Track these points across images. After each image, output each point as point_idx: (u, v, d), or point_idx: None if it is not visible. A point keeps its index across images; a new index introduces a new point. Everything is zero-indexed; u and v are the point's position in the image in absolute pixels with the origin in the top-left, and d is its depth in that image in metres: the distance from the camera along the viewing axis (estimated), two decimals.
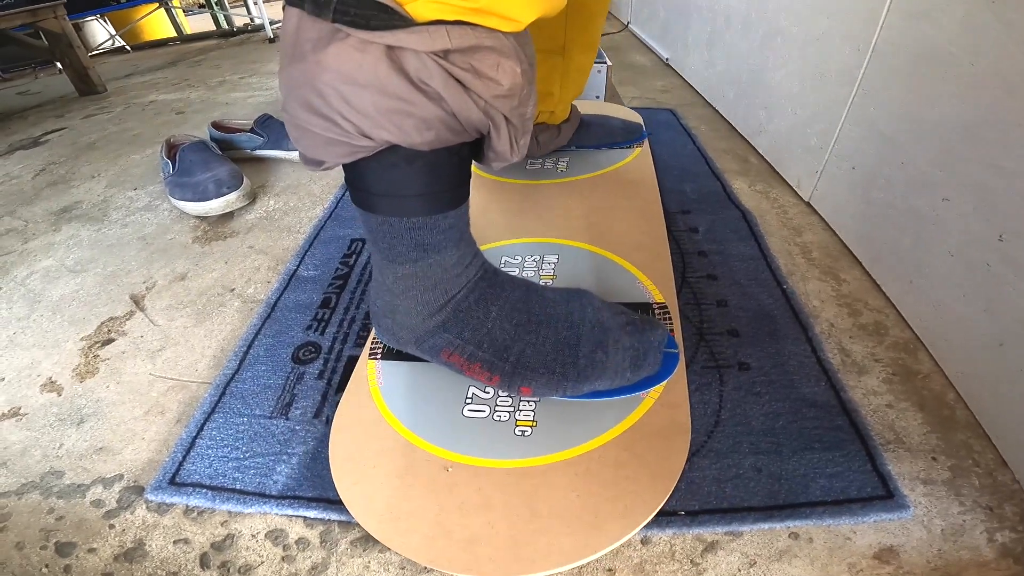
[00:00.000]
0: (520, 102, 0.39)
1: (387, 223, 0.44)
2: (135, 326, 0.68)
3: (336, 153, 0.39)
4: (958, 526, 0.41)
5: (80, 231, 0.91)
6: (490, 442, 0.47)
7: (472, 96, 0.36)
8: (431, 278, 0.47)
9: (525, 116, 0.41)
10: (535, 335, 0.49)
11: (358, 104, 0.35)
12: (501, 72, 0.36)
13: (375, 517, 0.42)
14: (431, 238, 0.45)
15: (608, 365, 0.48)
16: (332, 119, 0.36)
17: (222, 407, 0.54)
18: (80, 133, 1.41)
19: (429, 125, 0.37)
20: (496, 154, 0.43)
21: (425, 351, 0.50)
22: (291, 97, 0.37)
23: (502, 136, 0.41)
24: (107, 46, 2.70)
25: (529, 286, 0.52)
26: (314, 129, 0.37)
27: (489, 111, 0.38)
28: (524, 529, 0.41)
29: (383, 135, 0.37)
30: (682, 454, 0.45)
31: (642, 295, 0.61)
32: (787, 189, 0.86)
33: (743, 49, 1.06)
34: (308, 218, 0.88)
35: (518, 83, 0.37)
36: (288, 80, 0.37)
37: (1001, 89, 0.48)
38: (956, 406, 0.50)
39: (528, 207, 0.80)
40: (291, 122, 0.39)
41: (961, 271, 0.52)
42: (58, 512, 0.47)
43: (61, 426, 0.55)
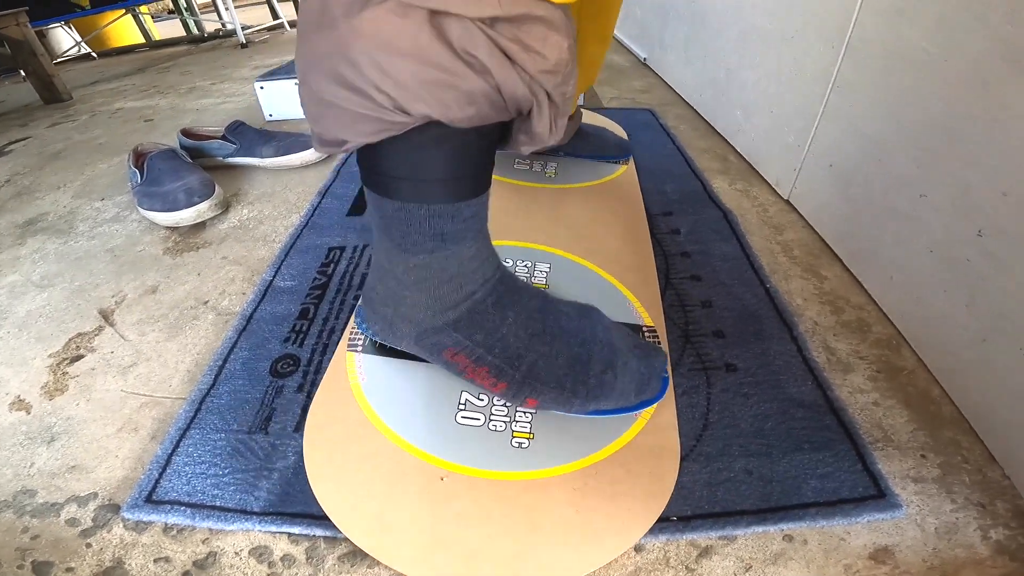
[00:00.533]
0: (564, 79, 0.37)
1: (404, 210, 0.41)
2: (105, 342, 0.65)
3: (363, 131, 0.36)
4: (951, 524, 0.41)
5: (46, 244, 0.88)
6: (486, 452, 0.46)
7: (518, 70, 0.34)
8: (447, 271, 0.44)
9: (566, 95, 0.38)
10: (549, 347, 0.47)
11: (396, 74, 0.32)
12: (548, 46, 0.33)
13: (362, 528, 0.40)
14: (452, 227, 0.42)
15: (616, 387, 0.46)
16: (365, 91, 0.33)
17: (198, 423, 0.52)
18: (45, 142, 1.37)
19: (472, 100, 0.34)
20: (533, 136, 0.40)
21: (425, 348, 0.48)
22: (316, 69, 0.34)
23: (544, 115, 0.38)
24: (73, 53, 2.63)
25: (545, 296, 0.50)
26: (342, 104, 0.34)
27: (533, 87, 0.35)
28: (525, 543, 0.40)
29: (422, 109, 0.34)
30: (672, 474, 0.44)
31: (633, 317, 0.60)
32: (766, 187, 0.86)
33: (719, 48, 1.07)
34: (284, 227, 0.86)
35: (564, 58, 0.35)
36: (312, 51, 0.34)
37: (976, 85, 0.48)
38: (942, 402, 0.50)
39: (518, 208, 0.79)
40: (313, 98, 0.36)
41: (941, 267, 0.52)
42: (33, 531, 0.45)
43: (31, 444, 0.53)
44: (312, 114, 0.37)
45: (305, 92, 0.37)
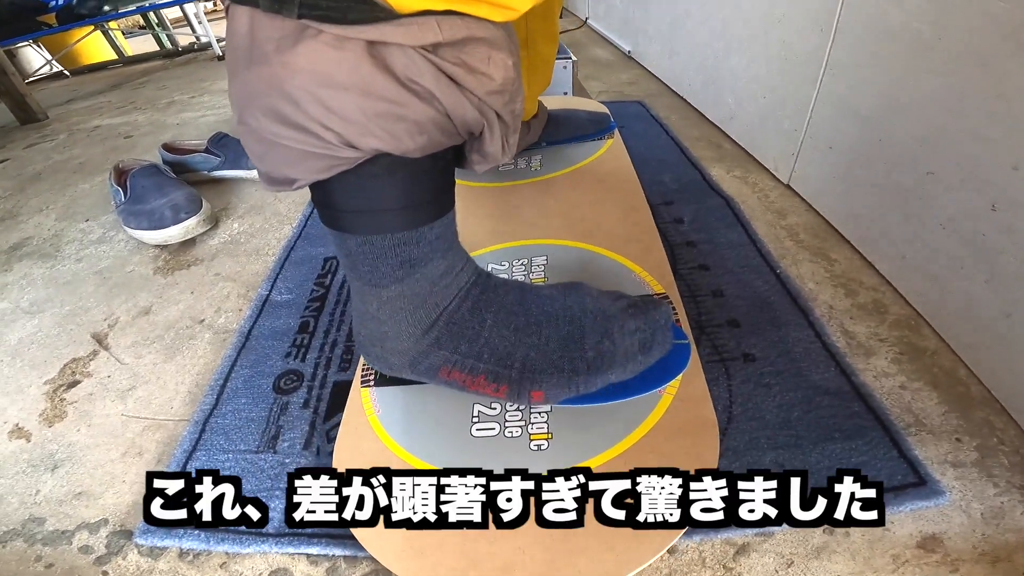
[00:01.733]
0: (511, 98, 0.36)
1: (368, 243, 0.40)
2: (100, 366, 0.64)
3: (311, 168, 0.35)
4: (997, 508, 0.39)
5: (33, 269, 0.85)
6: (505, 461, 0.44)
7: (466, 94, 0.33)
8: (419, 295, 0.43)
9: (515, 113, 0.38)
10: (537, 336, 0.45)
11: (340, 109, 0.31)
12: (493, 66, 0.33)
13: (395, 553, 0.39)
14: (418, 252, 0.41)
15: (617, 352, 0.45)
16: (309, 129, 0.32)
17: (204, 444, 0.51)
18: (24, 164, 1.34)
19: (422, 128, 0.33)
20: (485, 156, 0.40)
21: (421, 373, 0.47)
22: (251, 107, 0.32)
23: (495, 135, 0.37)
24: (44, 72, 2.58)
25: (523, 287, 0.49)
26: (285, 143, 0.33)
27: (483, 109, 0.35)
28: (560, 550, 0.38)
29: (371, 143, 0.33)
30: (713, 450, 0.42)
31: (640, 288, 0.59)
32: (765, 173, 0.86)
33: (705, 36, 1.06)
34: (276, 239, 0.83)
35: (510, 76, 0.34)
36: (245, 88, 0.32)
37: (974, 63, 0.48)
38: (969, 382, 0.49)
39: (507, 210, 0.78)
40: (253, 136, 0.34)
41: (955, 243, 0.51)
42: (47, 559, 0.44)
43: (35, 472, 0.52)
44: (255, 153, 0.35)
45: (244, 131, 0.35)
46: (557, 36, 0.80)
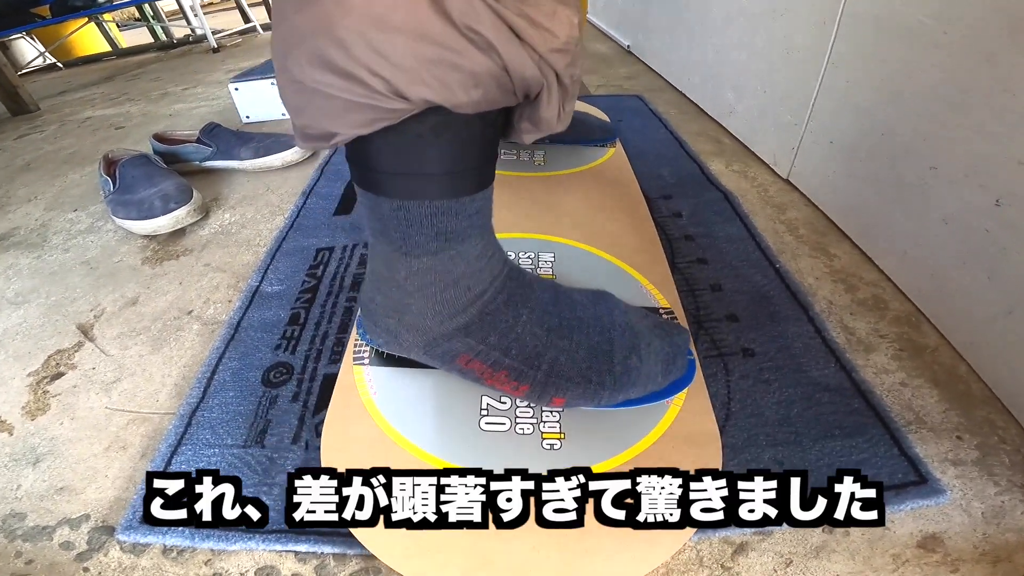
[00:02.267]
0: (573, 59, 0.34)
1: (404, 208, 0.37)
2: (85, 358, 0.62)
3: (354, 121, 0.32)
4: (998, 508, 0.39)
5: (19, 259, 0.84)
6: (516, 457, 0.43)
7: (527, 48, 0.31)
8: (452, 273, 0.40)
9: (575, 77, 0.36)
10: (568, 341, 0.43)
11: (392, 54, 0.28)
12: (557, 21, 0.31)
13: (400, 552, 0.37)
14: (456, 225, 0.38)
15: (643, 372, 0.43)
16: (356, 75, 0.29)
17: (189, 439, 0.49)
18: (14, 155, 1.33)
19: (478, 81, 0.31)
20: (538, 122, 0.37)
21: (435, 357, 0.44)
22: (296, 53, 0.30)
23: (553, 99, 0.35)
24: (38, 64, 2.56)
25: (556, 287, 0.47)
26: (330, 91, 0.31)
27: (543, 68, 0.32)
28: (576, 550, 0.37)
29: (423, 92, 0.30)
30: (716, 460, 0.42)
31: (647, 300, 0.58)
32: (764, 167, 0.85)
33: (705, 30, 1.05)
34: (268, 229, 0.82)
35: (574, 36, 0.32)
36: (291, 31, 0.30)
37: (980, 57, 0.47)
38: (970, 380, 0.48)
39: (510, 199, 0.76)
40: (295, 86, 0.32)
41: (958, 239, 0.51)
42: (27, 555, 0.43)
43: (16, 466, 0.50)
44: (293, 105, 0.34)
45: (284, 80, 0.33)
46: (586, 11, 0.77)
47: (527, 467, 0.40)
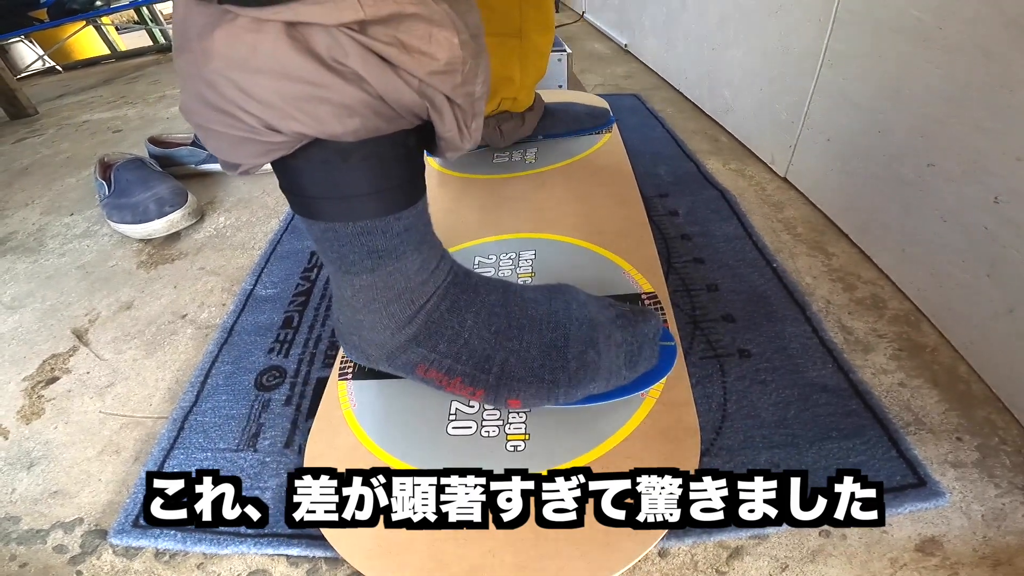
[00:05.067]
0: (464, 79, 0.33)
1: (331, 230, 0.38)
2: (80, 362, 0.62)
3: (248, 152, 0.34)
4: (999, 510, 0.38)
5: (16, 264, 0.84)
6: (480, 461, 0.43)
7: (401, 74, 0.31)
8: (393, 288, 0.41)
9: (474, 96, 0.35)
10: (518, 341, 0.44)
11: (257, 93, 0.30)
12: (434, 44, 0.30)
13: (363, 552, 0.38)
14: (385, 243, 0.39)
15: (601, 365, 0.43)
16: (230, 112, 0.31)
17: (182, 442, 0.49)
18: (12, 158, 1.33)
19: (351, 111, 0.32)
20: (444, 141, 0.38)
21: (399, 368, 0.45)
22: (185, 91, 0.32)
23: (446, 120, 0.35)
24: (37, 67, 2.56)
25: (507, 287, 0.47)
26: (214, 126, 0.32)
27: (425, 91, 0.32)
28: (530, 555, 0.37)
29: (294, 127, 0.31)
30: (694, 458, 0.41)
31: (629, 286, 0.57)
32: (762, 166, 0.84)
33: (701, 29, 1.05)
34: (263, 233, 0.82)
35: (457, 56, 0.32)
36: (179, 74, 0.32)
37: (976, 53, 0.46)
38: (970, 379, 0.48)
39: (498, 202, 0.76)
40: (190, 120, 0.34)
41: (957, 237, 0.50)
42: (21, 559, 0.44)
43: (11, 470, 0.51)
44: (200, 136, 0.35)
45: (184, 116, 0.34)
46: (551, 26, 0.78)
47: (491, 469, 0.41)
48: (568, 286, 0.49)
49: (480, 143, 0.76)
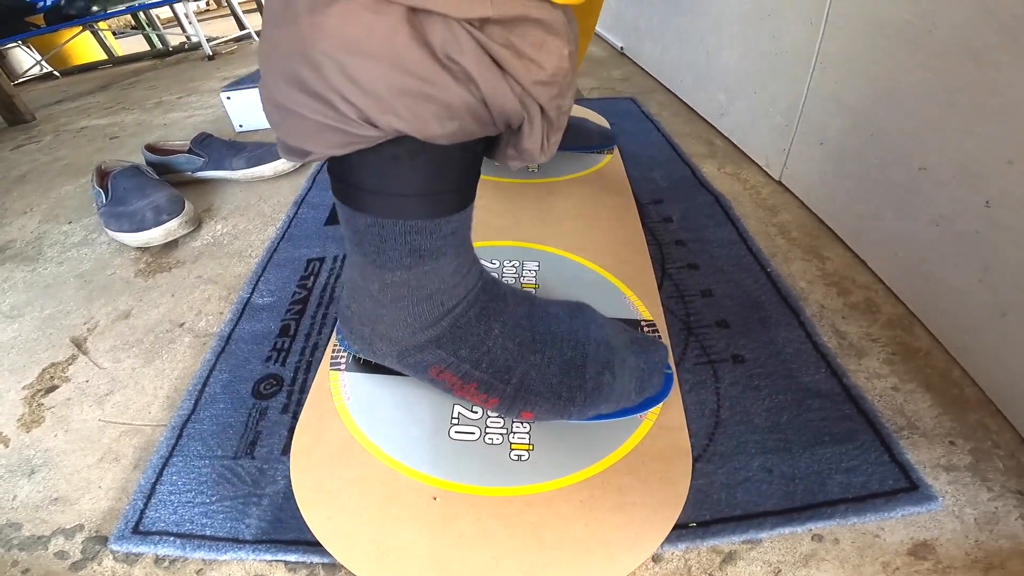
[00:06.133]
0: (560, 92, 0.32)
1: (378, 224, 0.37)
2: (79, 371, 0.62)
3: (327, 142, 0.32)
4: (991, 514, 0.38)
5: (14, 272, 0.84)
6: (483, 468, 0.43)
7: (508, 80, 0.30)
8: (426, 288, 0.41)
9: (563, 109, 0.34)
10: (540, 355, 0.43)
11: (365, 81, 0.28)
12: (545, 53, 0.29)
13: (360, 556, 0.38)
14: (430, 244, 0.38)
15: (615, 387, 0.43)
16: (327, 99, 0.29)
17: (180, 450, 0.49)
18: (10, 165, 1.32)
19: (453, 113, 0.30)
20: (522, 152, 0.36)
21: (408, 366, 0.45)
22: (274, 70, 0.30)
23: (535, 132, 0.34)
24: (34, 73, 2.56)
25: (532, 300, 0.47)
26: (301, 110, 0.30)
27: (525, 100, 0.31)
28: (535, 563, 0.37)
29: (393, 123, 0.30)
30: (686, 478, 0.42)
31: (630, 311, 0.57)
32: (756, 169, 0.84)
33: (696, 32, 1.05)
34: (260, 240, 0.82)
35: (564, 68, 0.31)
36: (271, 49, 0.30)
37: (966, 56, 0.47)
38: (963, 383, 0.48)
39: (501, 207, 0.76)
40: (270, 100, 0.32)
41: (949, 241, 0.50)
42: (23, 565, 0.44)
43: (12, 478, 0.51)
44: (273, 120, 0.33)
45: (264, 95, 0.33)
46: (593, 31, 0.76)
47: (495, 478, 0.41)
48: (587, 306, 0.49)
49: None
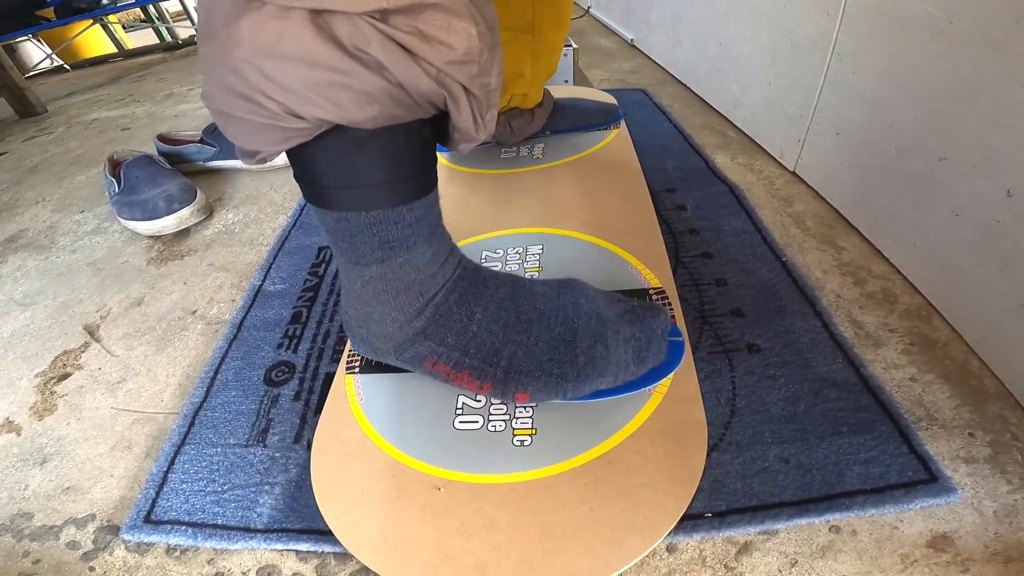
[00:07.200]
0: (481, 70, 0.34)
1: (344, 219, 0.39)
2: (91, 358, 0.63)
3: (268, 139, 0.34)
4: (1010, 506, 0.38)
5: (27, 261, 0.85)
6: (486, 455, 0.43)
7: (420, 63, 0.32)
8: (403, 280, 0.42)
9: (489, 87, 0.36)
10: (526, 335, 0.44)
11: (281, 79, 0.30)
12: (452, 34, 0.31)
13: (369, 547, 0.38)
14: (397, 234, 0.40)
15: (610, 360, 0.43)
16: (253, 99, 0.32)
17: (192, 438, 0.50)
18: (22, 157, 1.34)
19: (371, 98, 0.32)
20: (459, 132, 0.38)
21: (406, 361, 0.46)
22: (208, 80, 0.33)
23: (462, 110, 0.36)
24: (45, 66, 2.57)
25: (515, 281, 0.48)
26: (237, 113, 0.33)
27: (443, 80, 0.33)
28: (536, 550, 0.37)
29: (315, 112, 0.32)
30: (700, 454, 0.41)
31: (637, 281, 0.57)
32: (770, 160, 0.84)
33: (708, 23, 1.04)
34: (271, 229, 0.82)
35: (474, 46, 0.32)
36: (203, 61, 0.32)
37: (987, 47, 0.46)
38: (983, 375, 0.47)
39: (506, 197, 0.76)
40: (213, 108, 0.34)
41: (968, 231, 0.50)
42: (34, 555, 0.44)
43: (24, 467, 0.51)
44: (220, 124, 0.35)
45: (207, 104, 0.35)
46: (566, 23, 0.77)
47: (497, 465, 0.41)
48: (577, 281, 0.49)
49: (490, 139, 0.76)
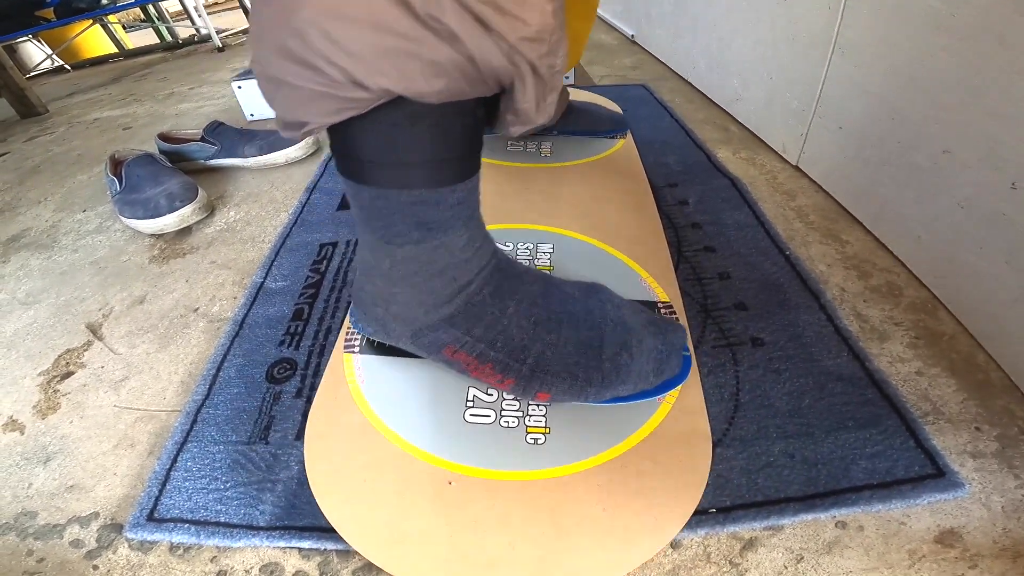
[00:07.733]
0: (550, 49, 0.32)
1: (383, 197, 0.37)
2: (94, 356, 0.62)
3: (320, 110, 0.32)
4: (1018, 501, 0.38)
5: (30, 260, 0.84)
6: (499, 451, 0.43)
7: (494, 37, 0.30)
8: (437, 263, 0.41)
9: (555, 68, 0.34)
10: (556, 335, 0.43)
11: (348, 44, 0.28)
12: (528, 8, 0.30)
13: (375, 542, 0.38)
14: (437, 215, 0.38)
15: (633, 368, 0.43)
16: (314, 65, 0.30)
17: (195, 436, 0.49)
18: (23, 157, 1.33)
19: (439, 71, 0.30)
20: (518, 114, 0.36)
21: (422, 347, 0.45)
22: (263, 43, 0.31)
23: (528, 90, 0.34)
24: (46, 66, 2.57)
25: (547, 279, 0.47)
26: (292, 80, 0.31)
27: (514, 57, 0.31)
28: (551, 548, 0.36)
29: (381, 81, 0.30)
30: (706, 462, 0.41)
31: (646, 293, 0.57)
32: (772, 154, 0.83)
33: (709, 18, 1.04)
34: (272, 226, 0.82)
35: (548, 24, 0.31)
36: (258, 24, 0.31)
37: (991, 39, 0.46)
38: (988, 368, 0.47)
39: (514, 190, 0.76)
40: (263, 74, 0.33)
41: (973, 223, 0.49)
42: (38, 554, 0.44)
43: (28, 465, 0.51)
44: (267, 93, 0.34)
45: (257, 71, 0.33)
46: (593, 15, 0.76)
47: (511, 461, 0.41)
48: (602, 286, 0.48)
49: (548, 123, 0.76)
